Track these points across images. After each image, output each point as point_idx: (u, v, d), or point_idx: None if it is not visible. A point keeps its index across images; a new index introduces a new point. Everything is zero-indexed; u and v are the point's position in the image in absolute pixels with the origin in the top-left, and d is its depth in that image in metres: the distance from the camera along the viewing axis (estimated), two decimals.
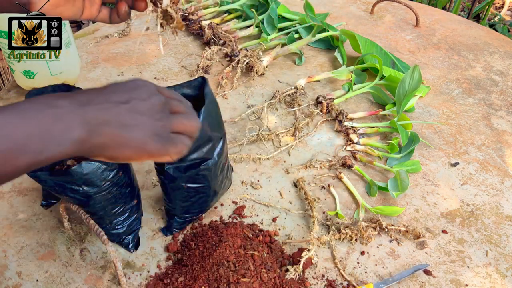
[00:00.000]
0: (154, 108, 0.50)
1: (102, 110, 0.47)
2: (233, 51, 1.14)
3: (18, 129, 0.41)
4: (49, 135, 0.42)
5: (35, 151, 0.42)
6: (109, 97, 0.48)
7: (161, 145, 0.50)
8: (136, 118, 0.49)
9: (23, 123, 0.41)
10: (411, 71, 0.93)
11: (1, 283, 0.69)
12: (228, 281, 0.64)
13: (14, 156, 0.40)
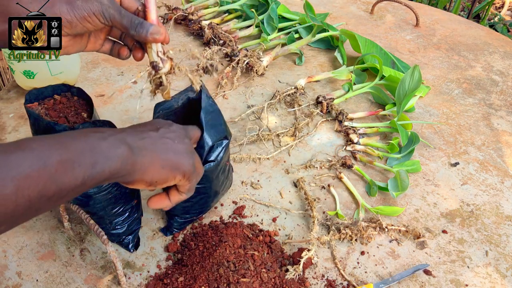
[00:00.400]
0: (180, 134, 0.57)
1: (137, 137, 0.52)
2: (233, 51, 1.14)
3: (71, 145, 0.45)
4: (98, 150, 0.46)
5: (88, 164, 0.45)
6: (138, 129, 0.54)
7: (192, 167, 0.56)
8: (167, 142, 0.54)
9: (75, 142, 0.45)
10: (411, 71, 0.93)
11: (1, 283, 0.69)
12: (228, 281, 0.64)
13: (70, 167, 0.43)
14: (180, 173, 0.55)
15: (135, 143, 0.50)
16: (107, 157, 0.46)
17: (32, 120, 0.71)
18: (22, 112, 0.99)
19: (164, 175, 0.53)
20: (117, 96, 1.05)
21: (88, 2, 0.55)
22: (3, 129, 0.95)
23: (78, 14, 0.55)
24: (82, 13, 0.55)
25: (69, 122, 0.72)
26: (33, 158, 0.41)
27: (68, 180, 0.43)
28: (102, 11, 0.55)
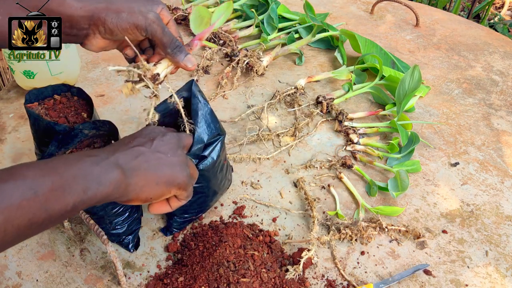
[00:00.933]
0: (173, 145, 0.57)
1: (129, 155, 0.52)
2: (233, 51, 1.14)
3: (64, 172, 0.45)
4: (90, 176, 0.47)
5: (79, 191, 0.46)
6: (131, 145, 0.54)
7: (187, 178, 0.56)
8: (161, 157, 0.54)
9: (68, 168, 0.46)
10: (411, 71, 0.93)
11: (1, 283, 0.69)
12: (228, 281, 0.64)
13: (62, 195, 0.44)
14: (175, 186, 0.56)
15: (128, 164, 0.51)
16: (99, 182, 0.47)
17: (32, 120, 0.71)
18: (22, 112, 0.99)
19: (159, 191, 0.54)
20: (117, 96, 1.05)
21: (134, 15, 0.57)
22: (3, 129, 0.95)
23: (121, 25, 0.57)
24: (125, 25, 0.58)
25: (69, 122, 0.72)
26: (25, 187, 0.42)
27: (59, 207, 0.44)
28: (145, 25, 0.58)
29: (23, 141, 0.92)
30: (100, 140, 0.71)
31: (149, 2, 0.60)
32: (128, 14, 0.57)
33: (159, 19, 0.59)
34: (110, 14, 0.57)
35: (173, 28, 0.63)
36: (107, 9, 0.57)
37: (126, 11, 0.57)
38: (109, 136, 0.71)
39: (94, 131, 0.69)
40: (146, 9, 0.58)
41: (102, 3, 0.57)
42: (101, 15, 0.57)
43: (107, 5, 0.57)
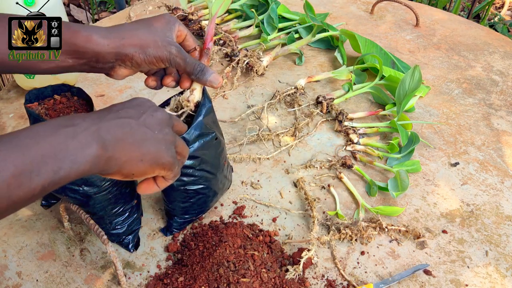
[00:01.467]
0: (162, 122, 0.53)
1: (115, 126, 0.48)
2: (233, 51, 1.14)
3: (31, 150, 0.41)
4: (63, 154, 0.43)
5: (49, 172, 0.41)
6: (119, 114, 0.50)
7: (172, 158, 0.53)
8: (147, 132, 0.51)
9: (37, 145, 0.41)
10: (412, 71, 0.93)
11: (1, 283, 0.69)
12: (228, 281, 0.64)
13: (27, 179, 0.40)
14: (159, 166, 0.52)
15: (111, 136, 0.47)
16: (73, 160, 0.43)
17: (32, 120, 0.71)
18: (22, 112, 0.99)
19: (142, 169, 0.51)
20: (117, 96, 1.05)
21: (159, 50, 0.60)
22: (3, 129, 0.95)
23: (148, 59, 0.60)
24: (151, 59, 0.60)
25: None
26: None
27: (24, 193, 0.40)
28: (170, 59, 0.61)
29: None
30: None
31: (167, 27, 0.62)
32: (153, 49, 0.60)
33: (180, 50, 0.62)
34: (136, 49, 0.60)
35: (191, 41, 0.66)
36: (133, 45, 0.60)
37: (151, 46, 0.60)
38: None
39: None
40: (167, 39, 0.61)
41: (127, 38, 0.59)
42: (128, 51, 0.59)
43: (131, 40, 0.60)
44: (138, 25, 0.62)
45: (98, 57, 0.59)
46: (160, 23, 0.62)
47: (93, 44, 0.58)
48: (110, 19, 1.35)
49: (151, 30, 0.61)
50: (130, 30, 0.60)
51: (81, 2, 2.39)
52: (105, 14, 2.37)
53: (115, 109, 0.51)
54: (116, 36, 0.59)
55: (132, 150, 0.49)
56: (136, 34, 0.60)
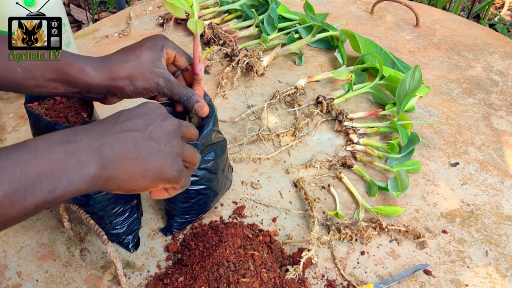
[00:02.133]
0: (170, 133, 0.52)
1: (118, 141, 0.47)
2: (233, 51, 1.14)
3: (28, 168, 0.40)
4: (60, 173, 0.41)
5: (44, 191, 0.41)
6: (125, 126, 0.49)
7: (177, 172, 0.52)
8: (153, 146, 0.50)
9: (35, 161, 0.40)
10: (412, 71, 0.93)
11: (1, 283, 0.69)
12: (228, 281, 0.64)
13: (21, 198, 0.39)
14: (163, 181, 0.51)
15: (112, 151, 0.46)
16: (70, 180, 0.42)
17: (32, 120, 0.71)
18: (22, 112, 0.99)
19: (143, 185, 0.50)
20: None
21: (147, 82, 0.62)
22: (3, 129, 0.95)
23: (137, 91, 0.62)
24: (141, 91, 0.63)
25: (69, 122, 0.72)
26: None
27: (16, 212, 0.39)
28: (157, 90, 0.63)
29: None
30: None
31: (155, 55, 0.63)
32: (142, 81, 0.62)
33: (167, 82, 0.63)
34: (126, 82, 0.62)
35: (182, 60, 0.67)
36: (123, 78, 0.61)
37: (140, 78, 0.62)
38: None
39: None
40: (155, 71, 0.63)
41: (116, 72, 0.61)
42: (118, 84, 0.61)
43: (121, 73, 0.61)
44: (127, 56, 0.63)
45: (90, 88, 0.61)
46: (148, 53, 0.63)
47: (85, 76, 0.59)
48: (110, 19, 1.35)
49: (140, 62, 0.62)
50: (119, 63, 0.62)
51: (81, 2, 2.39)
52: (105, 14, 2.37)
53: (121, 119, 0.50)
54: (107, 70, 0.61)
55: (134, 167, 0.48)
56: (125, 67, 0.61)
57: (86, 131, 0.46)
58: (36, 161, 0.41)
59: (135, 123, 0.50)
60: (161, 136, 0.51)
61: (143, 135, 0.49)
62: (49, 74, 0.58)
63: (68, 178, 0.42)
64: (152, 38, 0.65)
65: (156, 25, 1.31)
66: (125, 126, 0.49)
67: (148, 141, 0.50)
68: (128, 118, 0.50)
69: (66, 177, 0.42)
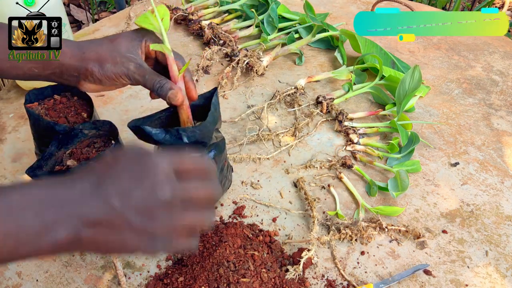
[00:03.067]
0: (167, 207, 0.42)
1: (104, 207, 0.41)
2: (233, 51, 1.14)
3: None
4: (25, 235, 0.39)
5: (4, 253, 0.39)
6: (120, 186, 0.42)
7: (156, 249, 0.44)
8: (141, 221, 0.41)
9: (3, 220, 0.38)
10: (412, 71, 0.93)
11: (1, 283, 0.69)
12: (228, 281, 0.64)
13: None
14: (139, 253, 0.44)
15: (94, 217, 0.40)
16: (36, 245, 0.39)
17: (32, 120, 0.71)
18: (22, 112, 0.99)
19: (116, 253, 0.48)
20: (117, 96, 1.05)
21: (116, 66, 0.60)
22: (3, 129, 0.95)
23: (106, 75, 0.60)
24: (110, 75, 0.61)
25: (69, 122, 0.72)
26: None
27: None
28: (128, 75, 0.61)
29: (23, 141, 0.92)
30: (100, 140, 0.71)
31: (131, 43, 0.62)
32: (112, 65, 0.60)
33: (139, 67, 0.61)
34: (95, 65, 0.60)
35: (161, 57, 0.64)
36: (92, 59, 0.60)
37: (109, 61, 0.60)
38: (109, 136, 0.71)
39: (94, 131, 0.69)
40: (126, 56, 0.61)
41: (87, 53, 0.60)
42: (88, 65, 0.60)
43: (90, 55, 0.60)
44: (103, 40, 0.62)
45: (62, 69, 0.60)
46: (124, 40, 0.62)
47: (60, 56, 0.59)
48: (110, 19, 1.35)
49: (113, 45, 0.61)
50: (92, 45, 0.61)
51: (81, 2, 2.39)
52: (105, 14, 2.37)
53: (117, 173, 0.42)
54: (78, 51, 0.60)
55: (111, 241, 0.42)
56: (96, 49, 0.60)
57: (76, 181, 0.42)
58: (5, 220, 0.39)
59: (131, 186, 0.42)
60: (154, 211, 0.42)
61: (134, 207, 0.41)
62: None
63: (31, 241, 0.39)
64: (136, 29, 0.64)
65: None
66: (119, 185, 0.42)
67: (137, 215, 0.41)
68: (127, 177, 0.42)
69: (30, 239, 0.39)
